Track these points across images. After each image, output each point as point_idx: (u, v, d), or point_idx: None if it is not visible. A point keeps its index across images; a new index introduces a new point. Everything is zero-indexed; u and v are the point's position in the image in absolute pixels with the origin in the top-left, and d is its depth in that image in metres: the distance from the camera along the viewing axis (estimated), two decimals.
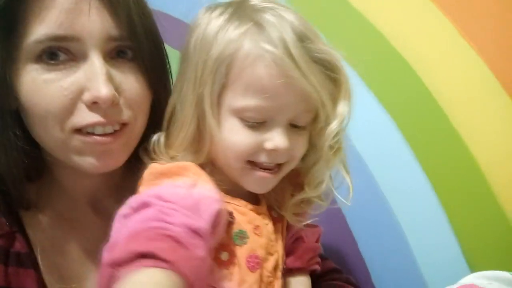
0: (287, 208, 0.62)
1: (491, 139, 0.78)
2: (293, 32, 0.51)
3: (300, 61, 0.50)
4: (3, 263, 0.56)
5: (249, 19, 0.53)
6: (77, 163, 0.57)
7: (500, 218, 0.76)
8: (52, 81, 0.52)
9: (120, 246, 0.42)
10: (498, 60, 0.77)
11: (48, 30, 0.51)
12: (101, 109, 0.53)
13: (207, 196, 0.50)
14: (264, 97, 0.51)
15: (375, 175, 0.84)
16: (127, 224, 0.46)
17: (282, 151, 0.54)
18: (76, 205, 0.66)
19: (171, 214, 0.45)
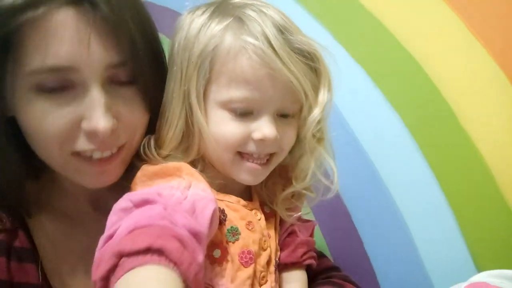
0: (278, 203, 0.62)
1: (498, 135, 0.78)
2: (273, 25, 0.52)
3: (281, 52, 0.51)
4: (5, 257, 0.57)
5: (230, 15, 0.54)
6: (75, 179, 0.58)
7: (506, 214, 0.77)
8: (52, 109, 0.52)
9: (127, 238, 0.43)
10: (507, 57, 0.77)
11: (46, 60, 0.50)
12: (99, 138, 0.53)
13: (202, 197, 0.51)
14: (248, 89, 0.53)
15: (381, 172, 0.84)
16: (130, 217, 0.46)
17: (270, 141, 0.55)
18: (77, 204, 0.66)
19: (174, 214, 0.46)
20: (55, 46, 0.49)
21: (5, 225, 0.58)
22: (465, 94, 0.79)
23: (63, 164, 0.56)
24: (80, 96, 0.53)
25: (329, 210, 0.89)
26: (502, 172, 0.77)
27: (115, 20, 0.51)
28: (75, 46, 0.50)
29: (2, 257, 0.56)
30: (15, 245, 0.58)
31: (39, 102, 0.52)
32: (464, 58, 0.80)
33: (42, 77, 0.51)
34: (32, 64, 0.50)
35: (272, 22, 0.53)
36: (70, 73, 0.51)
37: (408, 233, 0.82)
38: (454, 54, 0.80)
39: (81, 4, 0.50)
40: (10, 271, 0.57)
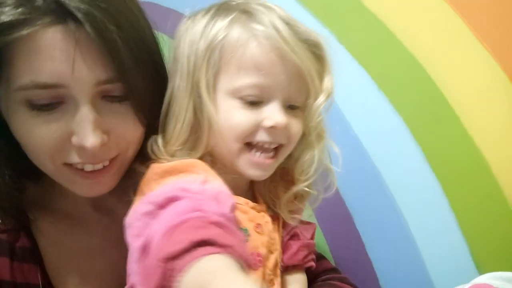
0: (281, 205, 0.63)
1: (501, 137, 0.78)
2: (279, 17, 0.54)
3: (289, 39, 0.53)
4: (9, 257, 0.57)
5: (235, 10, 0.56)
6: (70, 188, 0.58)
7: (508, 215, 0.76)
8: (42, 124, 0.52)
9: (167, 241, 0.42)
10: (510, 60, 0.77)
11: (34, 77, 0.50)
12: (88, 153, 0.53)
13: (221, 191, 0.51)
14: (258, 74, 0.54)
15: (383, 173, 0.84)
16: (160, 220, 0.46)
17: (281, 129, 0.55)
18: (77, 204, 0.66)
19: (204, 204, 0.46)
20: (42, 64, 0.50)
21: (7, 226, 0.58)
22: (467, 97, 0.79)
23: (56, 173, 0.57)
24: (70, 111, 0.53)
25: (330, 212, 0.89)
26: (505, 174, 0.77)
27: (100, 39, 0.51)
28: (62, 64, 0.50)
29: (5, 258, 0.57)
30: (17, 246, 0.59)
31: (29, 117, 0.52)
32: (467, 60, 0.80)
33: (32, 93, 0.51)
34: (21, 80, 0.50)
35: (278, 15, 0.55)
36: (59, 90, 0.51)
37: (410, 235, 0.81)
38: (457, 57, 0.80)
39: (66, 23, 0.50)
40: (13, 272, 0.57)
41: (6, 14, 0.48)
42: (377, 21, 0.84)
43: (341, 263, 0.88)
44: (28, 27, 0.48)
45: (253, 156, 0.57)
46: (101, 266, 0.65)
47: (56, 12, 0.49)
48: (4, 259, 0.57)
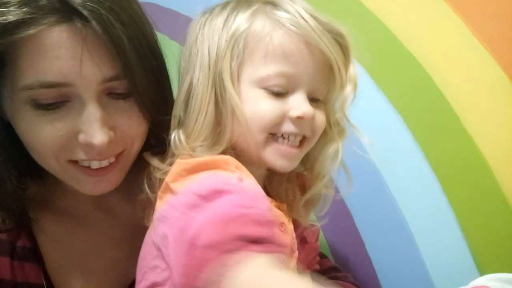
0: (298, 208, 0.62)
1: (502, 139, 0.77)
2: (303, 8, 0.54)
3: (316, 27, 0.53)
4: (9, 257, 0.57)
5: (258, 1, 0.56)
6: (75, 186, 0.58)
7: (509, 217, 0.76)
8: (47, 123, 0.52)
9: (220, 234, 0.41)
10: (510, 60, 0.77)
11: (39, 77, 0.50)
12: (95, 150, 0.54)
13: (258, 191, 0.50)
14: (285, 62, 0.53)
15: (384, 174, 0.84)
16: (209, 211, 0.45)
17: (307, 119, 0.54)
18: (79, 203, 0.66)
19: (255, 201, 0.45)
20: (48, 63, 0.50)
21: (8, 225, 0.59)
22: (468, 97, 0.79)
23: (60, 172, 0.57)
24: (76, 109, 0.53)
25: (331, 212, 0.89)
26: (505, 176, 0.76)
27: (107, 37, 0.51)
28: (68, 62, 0.51)
29: (5, 257, 0.57)
30: (18, 245, 0.59)
31: (35, 116, 0.52)
32: (467, 61, 0.79)
33: (37, 93, 0.51)
34: (26, 79, 0.50)
35: (301, 5, 0.55)
36: (65, 88, 0.52)
37: (410, 235, 0.81)
38: (457, 57, 0.80)
39: (73, 21, 0.50)
40: (13, 271, 0.57)
41: (11, 13, 0.48)
42: (377, 20, 0.83)
43: (340, 261, 0.88)
44: (34, 26, 0.48)
45: (280, 145, 0.55)
46: (103, 265, 0.66)
47: (61, 11, 0.50)
48: (4, 259, 0.57)
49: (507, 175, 0.76)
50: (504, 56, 0.77)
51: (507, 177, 0.76)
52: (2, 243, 0.58)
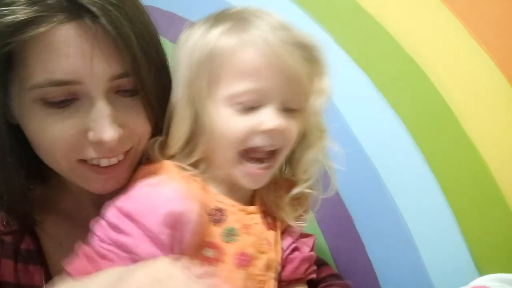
0: (285, 207, 0.64)
1: (501, 141, 0.77)
2: (271, 24, 0.56)
3: (281, 43, 0.54)
4: (13, 259, 0.58)
5: (230, 18, 0.58)
6: (84, 185, 0.59)
7: (508, 218, 0.76)
8: (57, 121, 0.53)
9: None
10: (509, 62, 0.77)
11: (49, 75, 0.51)
12: (105, 147, 0.54)
13: (163, 198, 0.53)
14: (251, 80, 0.55)
15: (383, 176, 0.84)
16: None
17: (278, 132, 0.56)
18: (82, 205, 0.67)
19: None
20: (58, 61, 0.50)
21: (12, 228, 0.59)
22: (466, 99, 0.79)
23: (70, 171, 0.57)
24: (85, 107, 0.53)
25: (331, 214, 0.89)
26: (505, 178, 0.76)
27: (116, 33, 0.52)
28: (78, 60, 0.51)
29: (9, 260, 0.58)
30: (21, 248, 0.59)
31: (44, 115, 0.53)
32: (466, 63, 0.80)
33: (46, 91, 0.51)
34: (35, 78, 0.51)
35: (270, 21, 0.56)
36: (74, 86, 0.52)
37: (410, 237, 0.81)
38: (456, 59, 0.80)
39: (82, 19, 0.51)
40: (17, 274, 0.58)
41: (20, 12, 0.48)
42: (376, 23, 0.84)
43: (341, 264, 0.88)
44: (43, 25, 0.49)
45: (248, 167, 0.58)
46: None
47: (69, 9, 0.50)
48: (8, 261, 0.57)
49: (507, 177, 0.77)
50: (503, 59, 0.77)
51: (506, 179, 0.76)
52: (6, 245, 0.58)
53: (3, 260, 0.57)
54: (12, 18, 0.48)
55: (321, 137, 0.62)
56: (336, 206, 0.87)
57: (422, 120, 0.82)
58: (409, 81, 0.82)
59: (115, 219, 0.52)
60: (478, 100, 0.78)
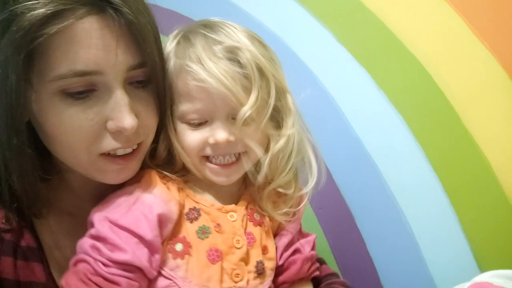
0: (265, 206, 0.67)
1: (502, 137, 0.78)
2: (206, 43, 0.59)
3: (213, 64, 0.57)
4: (12, 256, 0.57)
5: (181, 36, 0.63)
6: (97, 177, 0.60)
7: (510, 217, 0.76)
8: (78, 112, 0.54)
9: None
10: (510, 58, 0.77)
11: (72, 66, 0.52)
12: (124, 136, 0.56)
13: (149, 205, 0.58)
14: (191, 102, 0.60)
15: (384, 174, 0.84)
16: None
17: (223, 144, 0.60)
18: (82, 203, 0.67)
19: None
20: (81, 53, 0.52)
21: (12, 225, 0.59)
22: (467, 95, 0.79)
23: (89, 165, 0.58)
24: (103, 98, 0.55)
25: (332, 212, 0.89)
26: (506, 173, 0.77)
27: (137, 24, 0.53)
28: (100, 52, 0.52)
29: (9, 257, 0.57)
30: (21, 245, 0.59)
31: (64, 107, 0.53)
32: (466, 59, 0.80)
33: (68, 82, 0.52)
34: (58, 70, 0.51)
35: (207, 39, 0.60)
36: (95, 76, 0.53)
37: (411, 235, 0.81)
38: (456, 55, 0.80)
39: (104, 11, 0.52)
40: (17, 271, 0.58)
41: (44, 7, 0.49)
42: (377, 20, 0.84)
43: (342, 262, 0.88)
44: (67, 18, 0.50)
45: (212, 164, 0.63)
46: None
47: (92, 2, 0.51)
48: (8, 259, 0.57)
49: (507, 173, 0.77)
50: (505, 55, 0.77)
51: (507, 175, 0.77)
52: (6, 243, 0.58)
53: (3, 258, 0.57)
54: (38, 13, 0.49)
55: (278, 139, 0.64)
56: (337, 205, 0.88)
57: (423, 117, 0.82)
58: (410, 78, 0.82)
59: (110, 233, 0.56)
60: (479, 96, 0.79)
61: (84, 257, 0.55)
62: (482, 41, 0.77)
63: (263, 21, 0.95)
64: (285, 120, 0.65)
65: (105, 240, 0.55)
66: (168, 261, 0.59)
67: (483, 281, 0.54)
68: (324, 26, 0.88)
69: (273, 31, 0.93)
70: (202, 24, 0.63)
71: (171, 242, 0.60)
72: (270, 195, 0.67)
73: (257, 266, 0.64)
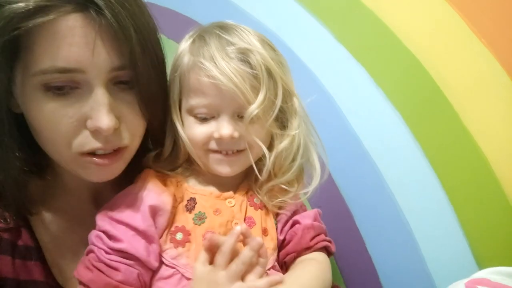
0: (263, 192, 0.70)
1: (500, 134, 0.77)
2: (220, 43, 0.63)
3: (221, 64, 0.61)
4: (11, 255, 0.58)
5: (196, 35, 0.66)
6: (81, 174, 0.61)
7: (508, 213, 0.76)
8: (58, 109, 0.55)
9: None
10: (509, 57, 0.77)
11: (54, 62, 0.53)
12: (103, 136, 0.57)
13: (142, 198, 0.62)
14: (201, 97, 0.63)
15: (383, 172, 0.84)
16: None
17: (227, 139, 0.63)
18: (78, 200, 0.68)
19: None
20: (63, 49, 0.53)
21: (9, 224, 0.59)
22: (467, 94, 0.79)
23: (71, 161, 0.59)
24: (85, 96, 0.55)
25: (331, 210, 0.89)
26: (505, 172, 0.77)
27: (118, 26, 0.54)
28: (82, 49, 0.53)
29: (7, 256, 0.58)
30: (18, 244, 0.60)
31: (46, 102, 0.54)
32: (465, 56, 0.80)
33: (50, 77, 0.53)
34: (41, 65, 0.52)
35: (226, 40, 0.63)
36: (77, 74, 0.54)
37: (410, 233, 0.81)
38: (455, 53, 0.80)
39: (88, 10, 0.53)
40: (15, 269, 0.58)
41: (27, 1, 0.50)
42: (375, 18, 0.84)
43: (341, 260, 0.88)
44: (52, 13, 0.51)
45: (216, 154, 0.66)
46: None
47: (76, 1, 0.52)
48: (6, 258, 0.58)
49: (506, 172, 0.77)
50: (503, 53, 0.77)
51: (506, 173, 0.76)
52: (4, 242, 0.58)
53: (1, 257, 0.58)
54: (23, 5, 0.50)
55: (282, 139, 0.68)
56: (336, 203, 0.88)
57: (422, 115, 0.82)
58: (408, 76, 0.82)
59: (109, 227, 0.60)
60: (477, 94, 0.78)
61: (91, 247, 0.60)
62: (480, 38, 0.77)
63: (261, 20, 0.95)
64: (290, 121, 0.68)
65: (106, 232, 0.60)
66: (170, 251, 0.62)
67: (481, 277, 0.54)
68: (322, 24, 0.88)
69: (271, 29, 0.93)
70: (218, 26, 0.66)
71: (172, 233, 0.63)
72: (269, 189, 0.69)
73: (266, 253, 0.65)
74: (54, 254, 0.63)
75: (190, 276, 0.61)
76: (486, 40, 0.77)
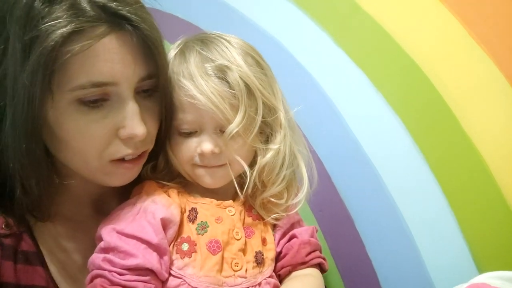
0: (256, 204, 0.70)
1: (500, 140, 0.77)
2: (199, 59, 0.63)
3: (202, 81, 0.61)
4: (12, 261, 0.58)
5: (178, 49, 0.67)
6: (103, 181, 0.63)
7: (508, 216, 0.76)
8: (93, 121, 0.57)
9: None
10: (507, 61, 0.77)
11: (90, 77, 0.55)
12: (133, 142, 0.60)
13: (152, 211, 0.62)
14: (184, 112, 0.63)
15: (383, 176, 0.84)
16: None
17: (208, 154, 0.64)
18: (80, 207, 0.68)
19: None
20: (100, 66, 0.55)
21: (12, 230, 0.60)
22: (466, 98, 0.79)
23: (98, 169, 0.61)
24: (115, 107, 0.58)
25: (331, 214, 0.89)
26: (504, 176, 0.77)
27: (152, 38, 0.57)
28: (117, 65, 0.56)
29: (9, 261, 0.58)
30: (21, 249, 0.60)
31: (81, 116, 0.57)
32: (464, 62, 0.80)
33: (86, 92, 0.56)
34: (78, 81, 0.55)
35: (197, 57, 0.63)
36: (110, 87, 0.57)
37: (410, 237, 0.81)
38: (454, 58, 0.80)
39: (122, 28, 0.55)
40: (18, 275, 0.59)
41: (65, 26, 0.52)
42: (375, 23, 0.84)
43: (342, 265, 0.88)
44: (86, 37, 0.53)
45: (200, 167, 0.66)
46: None
47: (110, 20, 0.55)
48: (8, 263, 0.58)
49: (506, 176, 0.77)
50: (502, 57, 0.77)
51: (506, 178, 0.77)
52: (6, 247, 0.59)
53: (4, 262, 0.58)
54: (60, 32, 0.51)
55: (265, 152, 0.68)
56: (336, 207, 0.88)
57: (421, 119, 0.82)
58: (408, 81, 0.83)
59: (120, 242, 0.59)
60: (477, 99, 0.79)
61: (98, 272, 0.58)
62: (479, 43, 0.78)
63: (261, 24, 0.95)
64: (274, 135, 0.68)
65: (116, 249, 0.58)
66: (177, 262, 0.62)
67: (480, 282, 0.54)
68: (321, 28, 0.88)
69: (271, 33, 0.93)
70: (200, 39, 0.66)
71: (178, 244, 0.64)
72: (262, 202, 0.70)
73: (256, 256, 0.67)
74: (56, 259, 0.63)
75: (196, 285, 0.61)
76: (485, 46, 0.77)
